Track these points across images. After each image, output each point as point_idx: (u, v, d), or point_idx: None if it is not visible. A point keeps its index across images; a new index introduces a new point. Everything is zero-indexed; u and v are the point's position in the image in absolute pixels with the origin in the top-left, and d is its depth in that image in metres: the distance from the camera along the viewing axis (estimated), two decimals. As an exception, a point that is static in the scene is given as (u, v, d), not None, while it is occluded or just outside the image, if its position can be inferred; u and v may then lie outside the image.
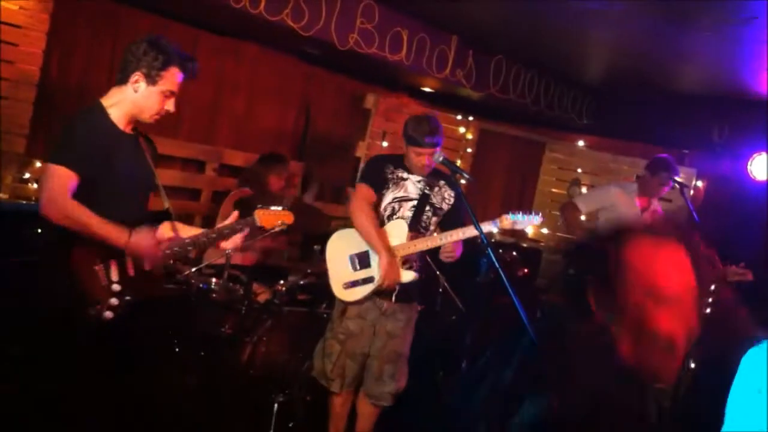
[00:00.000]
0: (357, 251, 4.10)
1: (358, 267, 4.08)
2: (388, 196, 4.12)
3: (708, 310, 1.67)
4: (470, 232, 3.85)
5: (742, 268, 5.01)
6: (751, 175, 6.39)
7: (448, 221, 4.15)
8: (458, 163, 7.73)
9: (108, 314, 2.90)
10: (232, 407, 4.38)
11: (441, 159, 3.93)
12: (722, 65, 5.62)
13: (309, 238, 6.33)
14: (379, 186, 4.12)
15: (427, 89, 6.84)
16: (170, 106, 3.10)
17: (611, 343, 1.57)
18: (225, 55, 5.94)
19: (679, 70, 6.18)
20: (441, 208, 4.18)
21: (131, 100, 3.03)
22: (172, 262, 3.73)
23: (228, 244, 3.31)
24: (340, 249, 4.16)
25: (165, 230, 3.20)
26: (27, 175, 4.90)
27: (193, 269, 4.54)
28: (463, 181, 4.39)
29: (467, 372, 5.18)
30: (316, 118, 6.70)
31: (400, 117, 6.81)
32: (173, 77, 3.05)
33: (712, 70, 5.86)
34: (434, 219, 4.17)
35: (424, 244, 4.02)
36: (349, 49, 5.28)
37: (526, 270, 6.95)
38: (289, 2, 4.81)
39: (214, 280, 4.65)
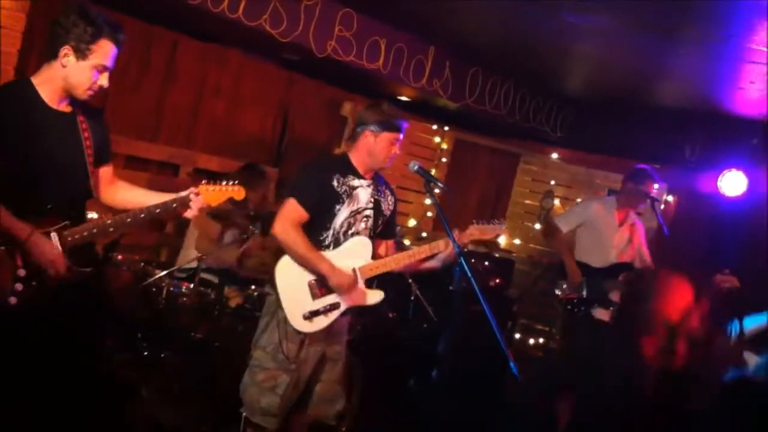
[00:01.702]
0: (315, 276, 3.48)
1: (318, 294, 3.47)
2: (344, 211, 3.53)
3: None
4: (436, 248, 3.61)
5: (728, 274, 4.94)
6: (720, 191, 6.47)
7: (385, 230, 3.72)
8: (433, 172, 7.75)
9: (12, 300, 2.73)
10: (200, 414, 4.34)
11: (416, 168, 3.58)
12: (697, 82, 5.71)
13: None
14: (323, 204, 3.50)
15: (403, 98, 6.86)
16: (103, 80, 2.90)
17: None
18: (205, 60, 5.92)
19: (654, 86, 6.27)
20: (385, 215, 3.72)
21: (61, 76, 2.84)
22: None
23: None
24: (294, 275, 3.47)
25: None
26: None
27: (164, 272, 4.51)
28: (437, 191, 4.17)
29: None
30: (293, 123, 6.70)
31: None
32: (105, 51, 2.85)
33: (687, 86, 5.95)
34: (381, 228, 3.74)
35: (394, 263, 3.60)
36: (327, 56, 5.29)
37: (498, 279, 6.99)
38: (268, 8, 4.82)
39: (184, 284, 4.62)
